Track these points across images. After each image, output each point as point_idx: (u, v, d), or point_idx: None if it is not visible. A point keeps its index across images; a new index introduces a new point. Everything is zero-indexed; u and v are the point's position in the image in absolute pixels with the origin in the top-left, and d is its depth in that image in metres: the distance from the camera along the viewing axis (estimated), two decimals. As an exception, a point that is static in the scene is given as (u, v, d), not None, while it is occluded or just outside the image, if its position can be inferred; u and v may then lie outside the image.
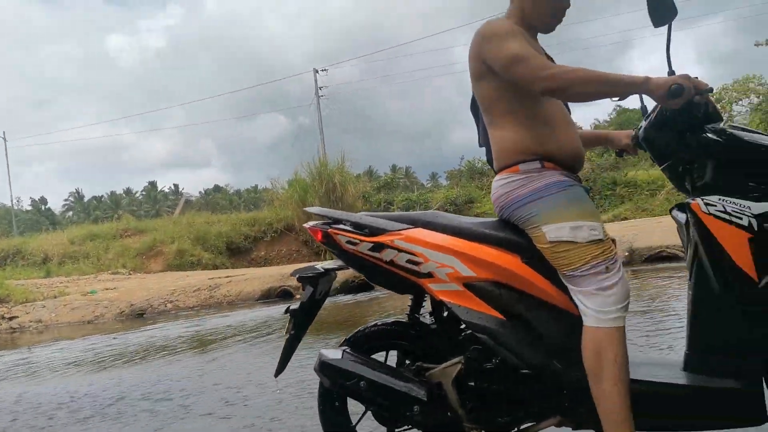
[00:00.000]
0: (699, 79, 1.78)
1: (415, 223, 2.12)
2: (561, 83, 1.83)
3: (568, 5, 2.09)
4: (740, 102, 19.49)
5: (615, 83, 1.83)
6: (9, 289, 11.16)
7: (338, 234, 2.13)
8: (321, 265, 2.35)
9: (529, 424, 2.06)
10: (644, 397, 1.82)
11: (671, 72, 1.85)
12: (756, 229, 1.75)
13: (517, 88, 1.96)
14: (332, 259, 2.38)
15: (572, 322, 1.95)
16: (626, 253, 8.27)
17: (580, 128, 2.35)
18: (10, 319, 10.19)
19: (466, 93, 2.03)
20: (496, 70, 1.98)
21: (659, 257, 8.17)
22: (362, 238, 2.10)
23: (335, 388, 2.14)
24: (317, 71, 31.94)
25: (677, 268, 7.32)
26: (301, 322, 2.31)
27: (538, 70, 1.84)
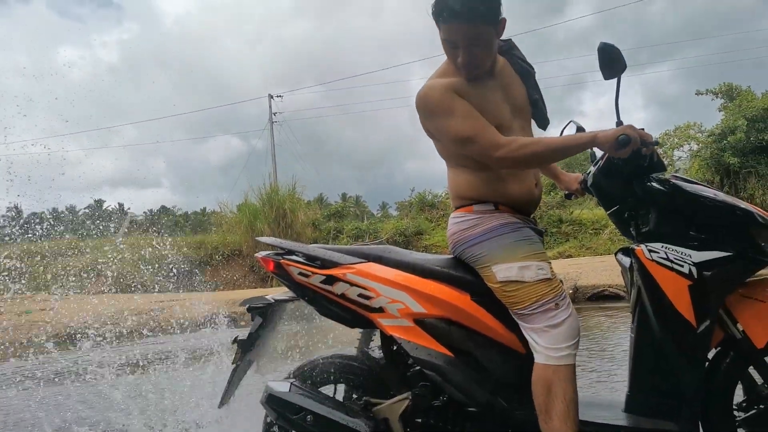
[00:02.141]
0: (645, 130, 1.86)
1: (368, 257, 2.13)
2: (513, 162, 1.90)
3: (457, 44, 1.92)
4: (681, 148, 20.37)
5: (566, 149, 1.89)
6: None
7: (290, 265, 2.12)
8: (271, 296, 2.33)
9: (475, 462, 2.06)
10: None
11: (619, 122, 1.93)
12: (696, 276, 1.83)
13: None
14: (280, 287, 2.36)
15: (519, 360, 1.98)
16: (571, 291, 8.45)
17: None
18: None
19: (419, 126, 2.04)
20: (444, 143, 2.03)
21: (602, 296, 8.37)
22: (314, 270, 2.09)
23: (281, 423, 2.10)
24: (272, 97, 31.89)
25: (620, 307, 7.51)
26: (248, 353, 2.27)
27: (490, 150, 1.88)
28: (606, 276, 8.78)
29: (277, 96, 32.01)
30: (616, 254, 2.21)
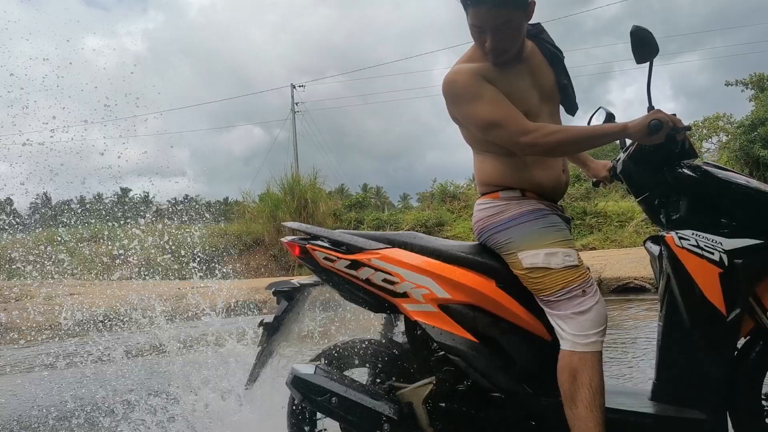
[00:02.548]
0: (677, 116, 1.83)
1: (393, 243, 2.13)
2: (540, 149, 1.88)
3: (485, 29, 1.88)
4: (710, 139, 20.06)
5: (594, 138, 1.88)
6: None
7: (316, 250, 2.13)
8: (297, 281, 2.35)
9: (498, 448, 2.07)
10: (612, 424, 1.85)
11: (651, 107, 1.90)
12: (726, 264, 1.80)
13: None
14: (301, 275, 2.38)
15: (544, 347, 1.98)
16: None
17: None
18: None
19: (442, 115, 2.04)
20: (471, 129, 2.02)
21: (627, 288, 8.28)
22: (340, 255, 2.10)
23: (306, 404, 2.12)
24: (294, 87, 31.99)
25: (645, 299, 7.44)
26: (274, 336, 2.30)
27: (516, 135, 1.86)
28: (631, 268, 8.69)
29: (300, 86, 32.15)
30: (644, 242, 2.19)
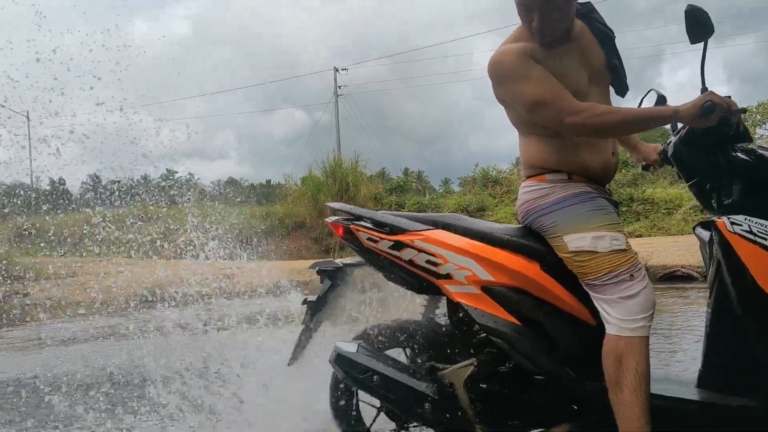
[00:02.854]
0: (731, 98, 1.78)
1: (436, 224, 2.14)
2: (588, 130, 1.84)
3: (532, 8, 1.85)
4: (764, 125, 19.34)
5: (644, 121, 1.84)
6: (24, 266, 11.28)
7: (359, 230, 2.15)
8: (340, 261, 2.38)
9: (539, 430, 2.06)
10: (657, 410, 1.82)
11: (704, 89, 1.85)
12: None
13: None
14: (342, 257, 2.41)
15: (588, 332, 1.96)
16: (640, 271, 8.20)
17: None
18: (24, 295, 10.31)
19: (484, 98, 2.01)
20: (517, 110, 1.99)
21: (674, 276, 8.10)
22: (383, 236, 2.12)
23: (349, 381, 2.15)
24: (337, 70, 32.04)
25: (692, 288, 7.27)
26: (317, 315, 2.34)
27: (564, 116, 1.82)
28: (678, 256, 8.49)
29: (342, 69, 32.15)
30: (694, 228, 2.14)
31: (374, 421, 2.31)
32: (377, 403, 2.29)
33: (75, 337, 6.44)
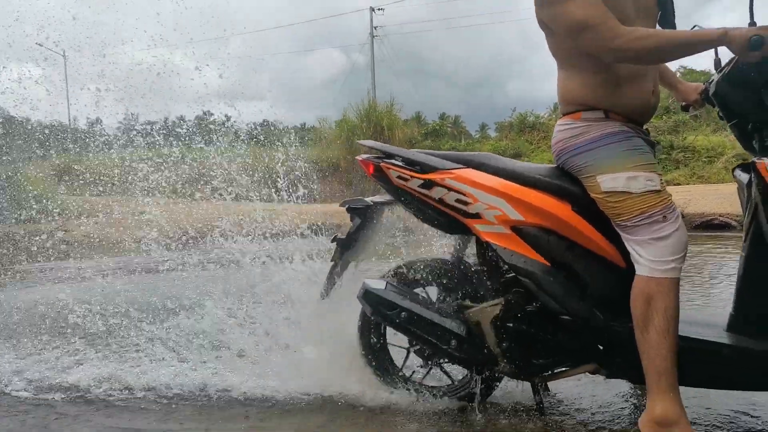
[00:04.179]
0: None
1: (468, 163, 2.12)
2: (632, 53, 1.76)
3: None
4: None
5: (690, 44, 1.75)
6: (62, 205, 11.63)
7: (390, 168, 2.15)
8: (370, 198, 2.38)
9: (563, 369, 2.09)
10: (686, 353, 1.82)
11: (752, 23, 1.76)
12: None
13: None
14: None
15: (619, 274, 1.95)
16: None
17: None
18: (64, 232, 10.68)
19: (528, 42, 1.95)
20: (559, 34, 1.92)
21: (711, 225, 7.93)
22: (413, 174, 2.11)
23: (376, 317, 2.19)
24: (374, 10, 31.38)
25: (728, 236, 7.13)
26: (346, 252, 2.37)
27: (607, 40, 1.75)
28: (716, 204, 8.31)
29: (379, 9, 31.48)
30: (733, 170, 2.08)
31: (405, 362, 2.36)
32: (406, 344, 2.33)
33: (117, 271, 6.68)
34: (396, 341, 2.36)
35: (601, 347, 1.98)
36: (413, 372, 2.38)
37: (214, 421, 2.28)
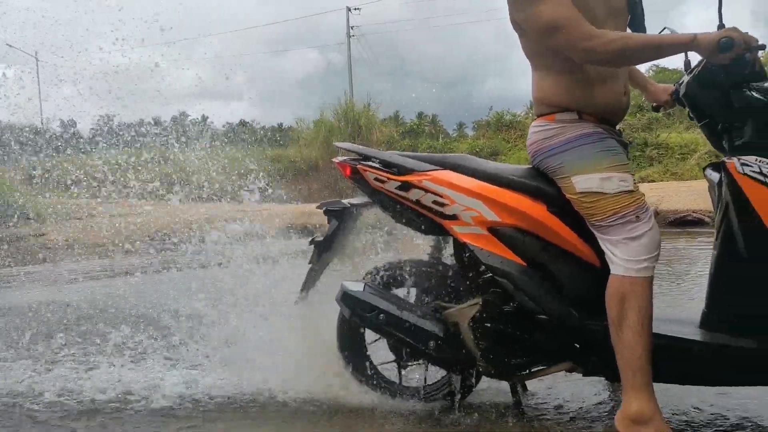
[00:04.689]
0: (750, 34, 1.72)
1: (444, 164, 2.13)
2: (603, 55, 1.79)
3: None
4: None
5: (660, 48, 1.79)
6: (39, 208, 11.44)
7: (367, 170, 2.15)
8: (348, 201, 2.38)
9: (541, 368, 2.10)
10: (659, 350, 1.85)
11: (721, 26, 1.79)
12: None
13: None
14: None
15: (594, 273, 1.97)
16: (650, 215, 8.18)
17: None
18: (40, 236, 10.51)
19: (506, 41, 1.97)
20: (531, 35, 1.94)
21: (685, 221, 8.06)
22: (390, 176, 2.12)
23: (354, 319, 2.19)
24: (350, 10, 31.32)
25: (702, 232, 7.25)
26: (324, 254, 2.36)
27: (578, 40, 1.78)
28: (690, 200, 8.45)
29: (355, 9, 31.42)
30: (704, 169, 2.12)
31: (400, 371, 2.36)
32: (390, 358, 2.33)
33: (89, 275, 6.60)
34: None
35: (578, 346, 2.00)
36: (394, 374, 2.38)
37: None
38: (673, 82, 2.33)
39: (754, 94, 1.81)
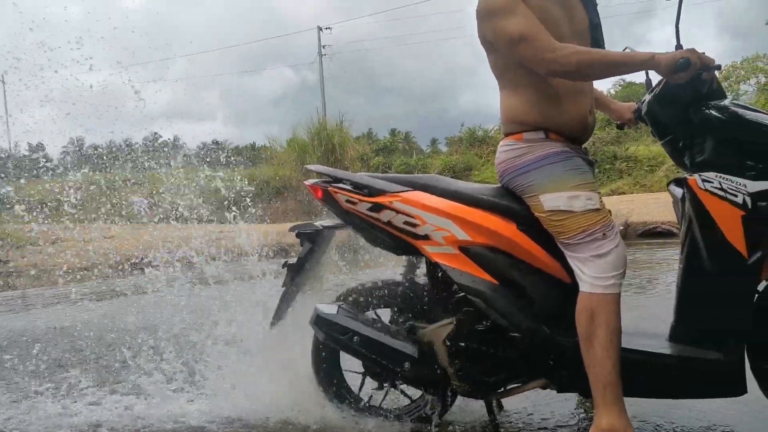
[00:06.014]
0: (706, 54, 1.78)
1: (414, 185, 2.15)
2: (566, 67, 1.83)
3: None
4: (748, 81, 19.29)
5: (621, 64, 1.85)
6: (4, 233, 11.22)
7: (338, 192, 2.16)
8: (320, 223, 2.38)
9: (515, 385, 2.12)
10: (630, 364, 1.87)
11: (679, 46, 1.85)
12: (750, 207, 1.78)
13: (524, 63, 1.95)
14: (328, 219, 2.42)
15: (564, 289, 1.99)
16: (621, 227, 8.31)
17: None
18: (5, 263, 10.29)
19: (478, 56, 2.02)
20: (499, 49, 1.98)
21: (654, 233, 8.21)
22: (361, 197, 2.13)
23: (329, 342, 2.19)
24: (321, 29, 31.49)
25: (672, 243, 7.38)
26: (297, 277, 2.36)
27: (543, 52, 1.83)
28: (659, 212, 8.60)
29: (326, 28, 31.59)
30: (668, 185, 2.17)
31: (361, 387, 2.35)
32: (361, 368, 2.33)
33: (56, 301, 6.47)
34: (353, 365, 2.35)
35: (551, 362, 2.02)
36: (370, 396, 2.37)
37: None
38: (636, 99, 2.38)
39: (712, 112, 1.87)
